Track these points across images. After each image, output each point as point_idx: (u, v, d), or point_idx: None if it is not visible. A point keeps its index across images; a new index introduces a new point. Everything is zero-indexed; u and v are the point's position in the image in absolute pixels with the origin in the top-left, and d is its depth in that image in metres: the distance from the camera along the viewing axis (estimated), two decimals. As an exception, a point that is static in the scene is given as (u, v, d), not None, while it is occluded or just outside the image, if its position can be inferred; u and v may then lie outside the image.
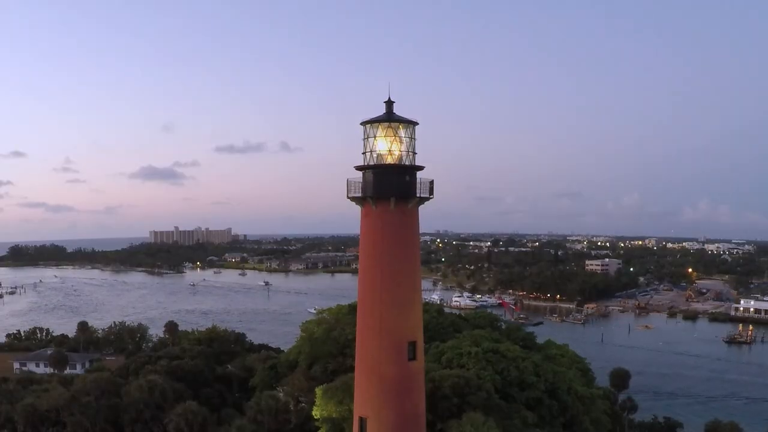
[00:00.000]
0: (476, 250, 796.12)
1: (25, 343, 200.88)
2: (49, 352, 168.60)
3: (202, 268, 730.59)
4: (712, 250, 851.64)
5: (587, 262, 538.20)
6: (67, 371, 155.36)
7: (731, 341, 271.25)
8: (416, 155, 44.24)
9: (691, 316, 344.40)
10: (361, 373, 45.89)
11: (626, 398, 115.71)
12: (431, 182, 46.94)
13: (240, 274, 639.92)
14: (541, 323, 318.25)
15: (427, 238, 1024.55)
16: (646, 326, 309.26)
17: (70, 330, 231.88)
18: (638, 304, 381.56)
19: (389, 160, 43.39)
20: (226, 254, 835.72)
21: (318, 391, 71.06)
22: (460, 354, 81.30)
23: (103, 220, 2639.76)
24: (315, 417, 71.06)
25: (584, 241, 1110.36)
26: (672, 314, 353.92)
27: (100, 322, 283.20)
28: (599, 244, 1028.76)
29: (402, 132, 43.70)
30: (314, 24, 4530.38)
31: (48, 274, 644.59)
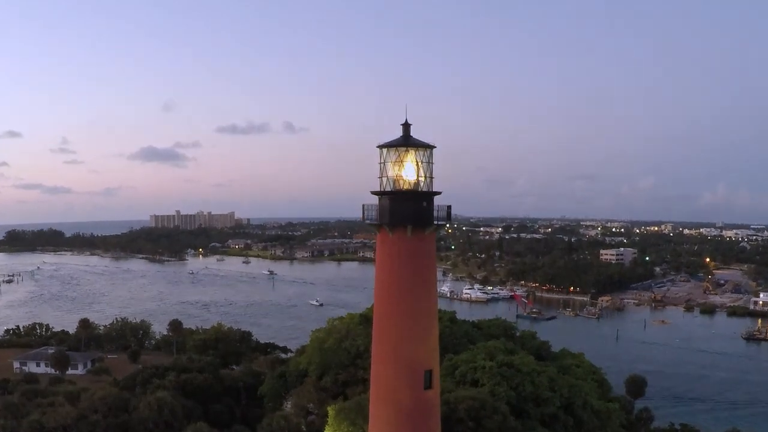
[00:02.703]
0: (487, 237, 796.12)
1: (24, 339, 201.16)
2: (50, 350, 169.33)
3: (205, 255, 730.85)
4: (730, 237, 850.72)
5: (602, 251, 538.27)
6: (69, 371, 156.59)
7: (750, 338, 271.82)
8: (433, 180, 44.46)
9: (709, 310, 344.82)
10: (376, 400, 46.22)
11: (642, 408, 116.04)
12: (448, 207, 47.40)
13: (243, 262, 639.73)
14: (555, 318, 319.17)
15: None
16: (663, 321, 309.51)
17: (70, 324, 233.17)
18: (654, 297, 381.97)
19: (406, 186, 43.65)
20: (229, 240, 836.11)
21: (330, 410, 71.69)
22: (474, 368, 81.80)
23: (101, 202, 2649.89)
24: (327, 436, 71.92)
25: (598, 226, 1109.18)
26: (689, 308, 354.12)
27: (100, 315, 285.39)
28: (614, 230, 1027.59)
29: (419, 156, 43.76)
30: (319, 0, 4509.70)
31: (46, 260, 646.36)
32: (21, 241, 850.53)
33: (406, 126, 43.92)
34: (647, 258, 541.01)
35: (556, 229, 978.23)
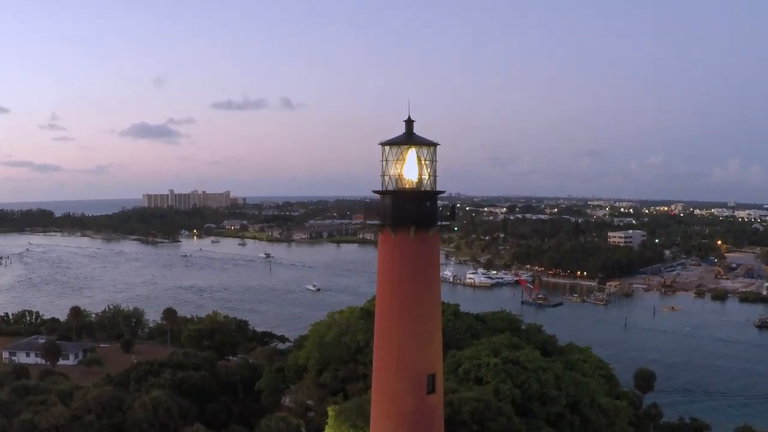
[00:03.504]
0: (491, 218, 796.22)
1: (13, 327, 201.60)
2: (40, 340, 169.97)
3: (199, 236, 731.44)
4: (742, 218, 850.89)
5: (610, 234, 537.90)
6: (60, 362, 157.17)
7: (762, 325, 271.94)
8: (437, 178, 44.31)
9: (720, 296, 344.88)
10: (378, 405, 46.35)
11: (651, 404, 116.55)
12: (453, 207, 47.63)
13: (239, 244, 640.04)
14: (561, 304, 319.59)
15: (438, 203, 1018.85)
16: (673, 308, 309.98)
17: (60, 311, 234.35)
18: (664, 282, 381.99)
19: (409, 185, 43.65)
20: (225, 221, 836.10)
21: (330, 411, 72.07)
22: (478, 365, 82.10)
23: (92, 180, 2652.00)
24: (327, 437, 72.44)
25: (606, 206, 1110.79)
26: (699, 293, 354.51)
27: (91, 301, 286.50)
28: (622, 210, 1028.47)
29: (422, 154, 43.61)
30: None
31: (35, 241, 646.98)
32: (8, 221, 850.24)
33: (409, 122, 43.56)
34: (657, 240, 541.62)
35: (563, 209, 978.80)
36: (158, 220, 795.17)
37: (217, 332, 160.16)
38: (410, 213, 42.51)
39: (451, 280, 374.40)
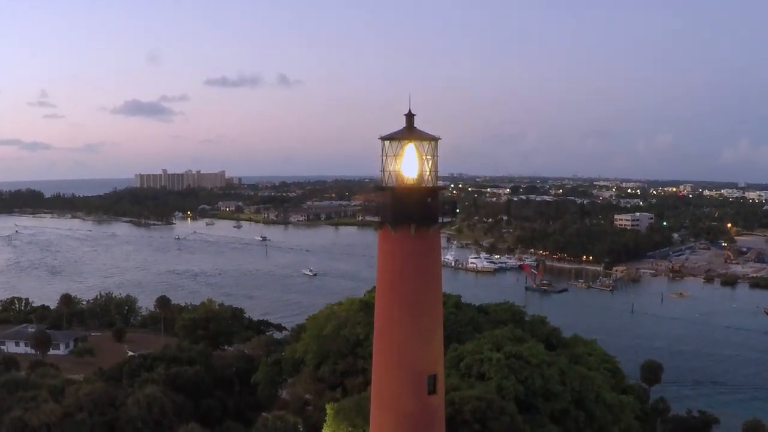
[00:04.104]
0: (494, 199, 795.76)
1: (2, 314, 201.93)
2: (30, 329, 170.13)
3: (194, 218, 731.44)
4: (753, 199, 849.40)
5: (616, 216, 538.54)
6: (51, 352, 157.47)
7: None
8: (437, 173, 44.01)
9: (730, 282, 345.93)
10: (378, 406, 46.56)
11: (658, 399, 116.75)
12: (454, 203, 47.69)
13: (235, 227, 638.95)
14: (566, 290, 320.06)
15: (440, 183, 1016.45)
16: (681, 294, 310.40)
17: (50, 297, 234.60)
18: (672, 267, 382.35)
19: (409, 180, 43.51)
20: (220, 202, 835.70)
21: (329, 410, 72.25)
22: (480, 360, 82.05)
23: (83, 159, 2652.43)
24: (325, 436, 72.72)
25: (613, 187, 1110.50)
26: (709, 279, 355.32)
27: (82, 287, 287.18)
28: (629, 191, 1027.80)
29: (423, 149, 43.40)
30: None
31: (24, 223, 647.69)
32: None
33: (410, 116, 43.38)
34: (665, 223, 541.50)
35: (568, 190, 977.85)
36: (151, 202, 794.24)
37: (212, 321, 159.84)
38: (411, 210, 42.49)
39: (453, 264, 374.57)
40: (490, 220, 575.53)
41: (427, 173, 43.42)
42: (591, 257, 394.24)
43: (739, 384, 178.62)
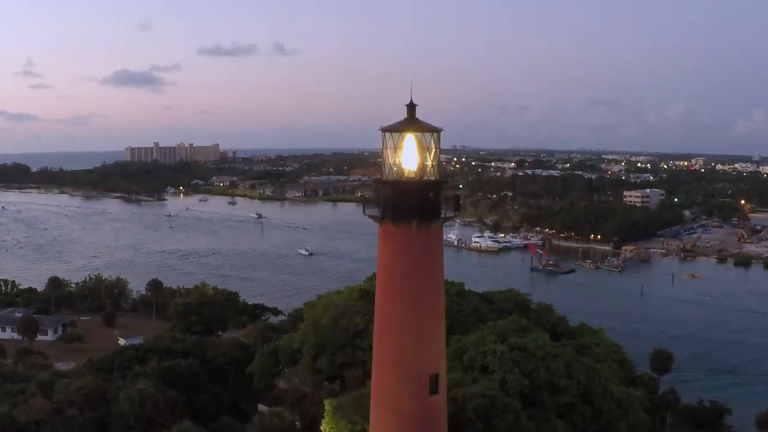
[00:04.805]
0: (498, 173, 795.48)
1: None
2: (16, 313, 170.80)
3: (186, 194, 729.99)
4: (767, 173, 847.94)
5: (625, 192, 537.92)
6: (38, 338, 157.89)
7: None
8: (440, 166, 43.99)
9: (744, 262, 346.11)
10: (378, 407, 46.70)
11: (668, 390, 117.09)
12: (457, 197, 47.57)
13: (229, 203, 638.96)
14: (573, 271, 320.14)
15: (443, 157, 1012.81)
16: (693, 275, 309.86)
17: (37, 278, 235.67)
18: (683, 246, 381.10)
19: (411, 174, 43.37)
20: (213, 177, 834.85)
21: (327, 406, 72.64)
22: (484, 353, 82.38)
23: (71, 131, 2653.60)
24: (324, 432, 73.21)
25: (622, 160, 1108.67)
26: (721, 259, 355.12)
27: (70, 267, 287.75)
28: (639, 165, 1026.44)
29: (425, 141, 43.22)
30: None
31: (9, 199, 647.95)
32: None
33: (411, 107, 43.01)
34: (676, 200, 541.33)
35: (575, 164, 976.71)
36: (142, 176, 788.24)
37: (206, 307, 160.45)
38: (412, 205, 42.30)
39: (456, 244, 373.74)
40: (495, 196, 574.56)
41: (429, 166, 43.20)
42: (599, 236, 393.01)
43: (752, 372, 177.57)
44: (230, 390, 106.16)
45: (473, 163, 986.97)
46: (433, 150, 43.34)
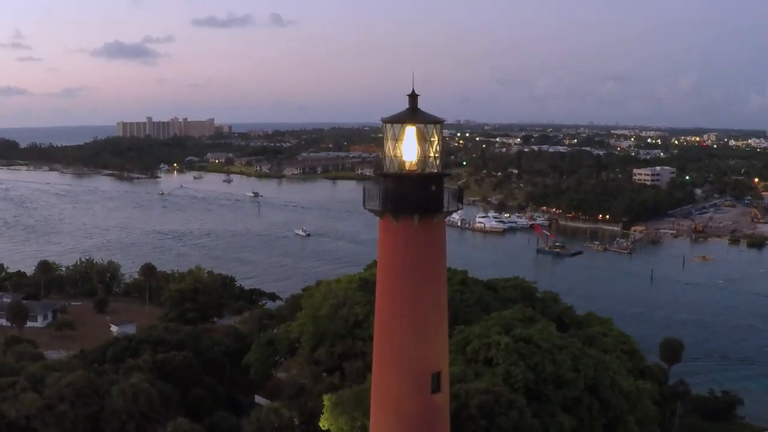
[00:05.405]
0: (504, 150, 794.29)
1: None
2: (5, 299, 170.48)
3: (180, 171, 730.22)
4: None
5: (635, 170, 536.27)
6: (28, 324, 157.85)
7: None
8: (443, 159, 43.65)
9: (758, 243, 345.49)
10: (378, 406, 46.74)
11: (678, 381, 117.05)
12: (460, 190, 47.39)
13: (225, 181, 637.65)
14: (581, 253, 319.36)
15: (446, 132, 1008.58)
16: (704, 257, 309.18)
17: (26, 261, 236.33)
18: (695, 227, 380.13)
19: (412, 167, 43.18)
20: (208, 154, 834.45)
21: (327, 402, 72.94)
22: (488, 344, 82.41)
23: (61, 105, 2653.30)
24: (323, 428, 73.45)
25: (631, 136, 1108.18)
26: (734, 240, 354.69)
27: (60, 248, 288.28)
28: (649, 140, 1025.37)
29: (427, 133, 43.01)
30: None
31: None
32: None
33: (413, 97, 42.75)
34: (687, 177, 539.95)
35: (583, 140, 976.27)
36: (134, 153, 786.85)
37: (201, 293, 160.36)
38: (414, 199, 42.17)
39: (459, 224, 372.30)
40: (499, 174, 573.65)
41: (432, 158, 43.01)
42: (608, 216, 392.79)
43: (766, 361, 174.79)
44: (226, 382, 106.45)
45: (477, 139, 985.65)
46: (436, 142, 43.02)
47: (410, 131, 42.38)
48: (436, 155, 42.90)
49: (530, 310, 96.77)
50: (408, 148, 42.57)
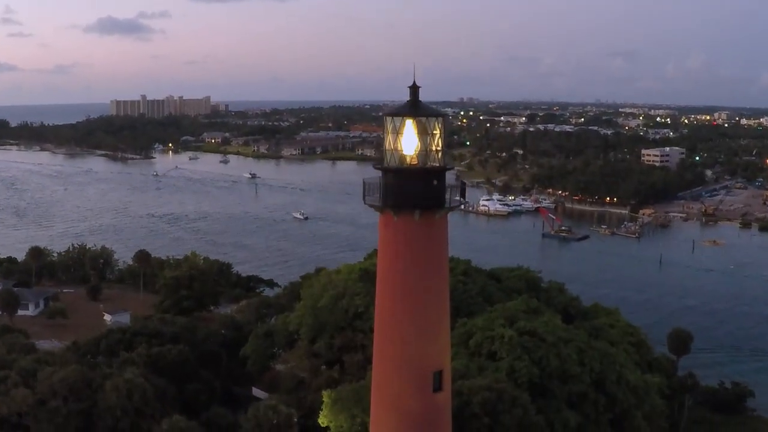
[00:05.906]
0: (508, 129, 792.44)
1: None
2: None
3: (175, 151, 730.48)
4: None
5: (644, 151, 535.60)
6: (19, 312, 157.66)
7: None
8: (444, 152, 43.45)
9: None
10: (379, 405, 46.76)
11: (687, 374, 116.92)
12: (463, 184, 47.37)
13: (221, 162, 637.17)
14: (587, 237, 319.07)
15: (449, 110, 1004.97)
16: (715, 242, 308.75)
17: (16, 245, 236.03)
18: (705, 210, 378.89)
19: (413, 160, 43.02)
20: (205, 133, 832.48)
21: (326, 398, 73.09)
22: (491, 338, 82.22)
23: (53, 82, 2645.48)
24: (322, 425, 73.64)
25: (640, 114, 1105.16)
26: (745, 224, 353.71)
27: (51, 232, 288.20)
28: (658, 119, 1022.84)
29: (429, 126, 42.78)
30: None
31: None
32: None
33: (414, 89, 42.58)
34: (697, 158, 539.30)
35: (590, 119, 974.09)
36: (128, 132, 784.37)
37: (197, 280, 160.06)
38: (415, 193, 42.04)
39: (463, 207, 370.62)
40: (504, 154, 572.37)
41: (434, 152, 42.88)
42: (615, 199, 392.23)
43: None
44: (223, 374, 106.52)
45: (481, 118, 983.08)
46: (437, 135, 42.89)
47: (411, 124, 42.21)
48: (438, 149, 42.78)
49: (535, 302, 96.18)
50: (408, 142, 42.38)
